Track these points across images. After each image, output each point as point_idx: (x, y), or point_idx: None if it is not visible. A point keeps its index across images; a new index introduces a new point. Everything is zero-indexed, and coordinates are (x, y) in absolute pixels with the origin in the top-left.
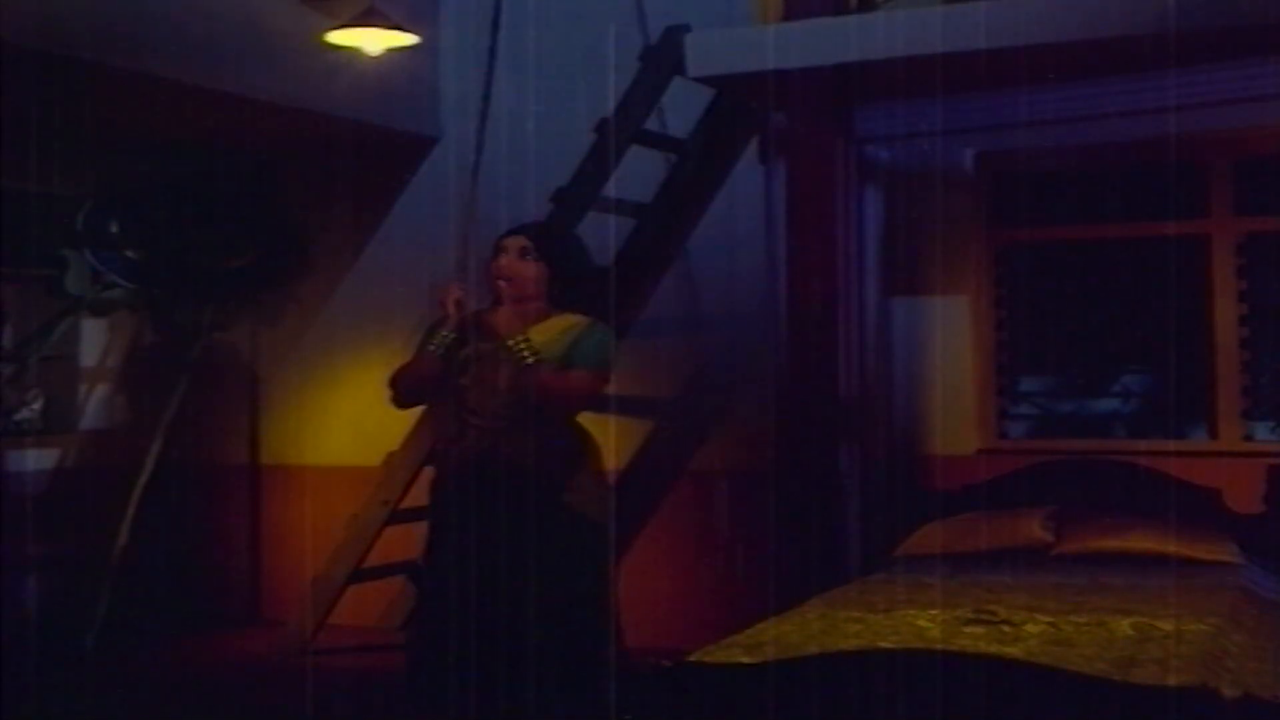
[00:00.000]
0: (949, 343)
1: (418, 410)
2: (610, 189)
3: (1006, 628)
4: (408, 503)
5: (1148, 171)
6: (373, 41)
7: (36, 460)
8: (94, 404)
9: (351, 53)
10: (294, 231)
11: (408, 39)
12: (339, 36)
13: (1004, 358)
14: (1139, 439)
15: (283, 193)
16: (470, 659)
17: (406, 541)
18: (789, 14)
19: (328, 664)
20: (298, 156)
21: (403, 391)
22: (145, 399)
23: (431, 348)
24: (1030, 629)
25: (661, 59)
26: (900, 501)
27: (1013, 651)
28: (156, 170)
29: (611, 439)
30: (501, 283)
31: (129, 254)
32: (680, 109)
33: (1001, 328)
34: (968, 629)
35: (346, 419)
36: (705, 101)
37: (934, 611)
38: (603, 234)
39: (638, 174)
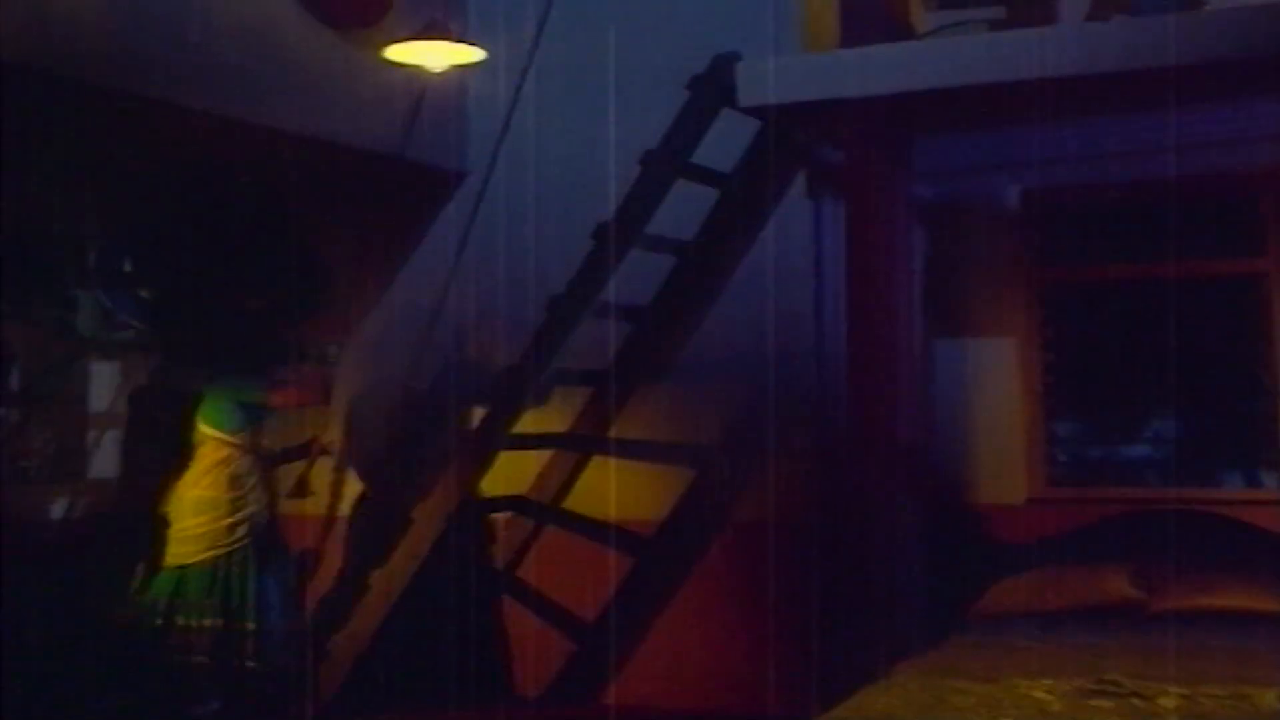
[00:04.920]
0: (995, 386)
1: None
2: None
3: (1138, 701)
4: None
5: (1202, 208)
6: (435, 57)
7: (43, 507)
8: (104, 450)
9: (414, 70)
10: (316, 270)
11: (473, 53)
12: (399, 52)
13: (1053, 402)
14: (1194, 487)
15: (304, 229)
16: None
17: None
18: (847, 41)
19: None
20: (321, 190)
21: None
22: (159, 445)
23: None
24: (1165, 702)
25: (710, 88)
26: (964, 555)
27: None
28: (173, 205)
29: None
30: None
31: (142, 293)
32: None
33: (1050, 371)
34: (1093, 702)
35: None
36: (736, 134)
37: (1048, 681)
38: (643, 272)
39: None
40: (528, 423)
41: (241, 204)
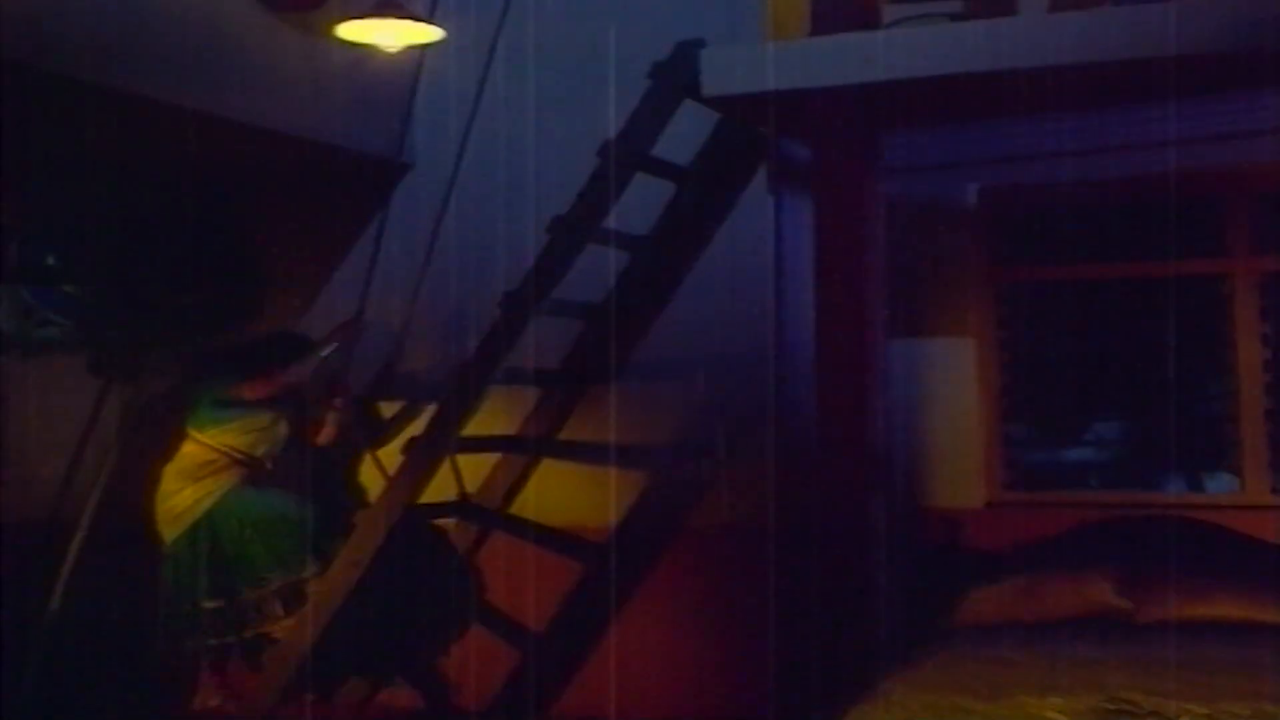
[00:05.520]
0: (951, 387)
1: None
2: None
3: None
4: None
5: (1163, 207)
6: (390, 36)
7: None
8: (24, 453)
9: (368, 49)
10: (253, 264)
11: (431, 32)
12: (351, 31)
13: (1010, 405)
14: (1154, 491)
15: (241, 221)
16: None
17: None
18: (818, 29)
19: None
20: (259, 181)
21: None
22: (83, 448)
23: None
24: None
25: (672, 77)
26: (935, 562)
27: None
28: (101, 195)
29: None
30: None
31: (68, 289)
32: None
33: (1007, 372)
34: None
35: None
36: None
37: (1057, 699)
38: (600, 267)
39: (631, 204)
40: (474, 424)
41: (172, 195)
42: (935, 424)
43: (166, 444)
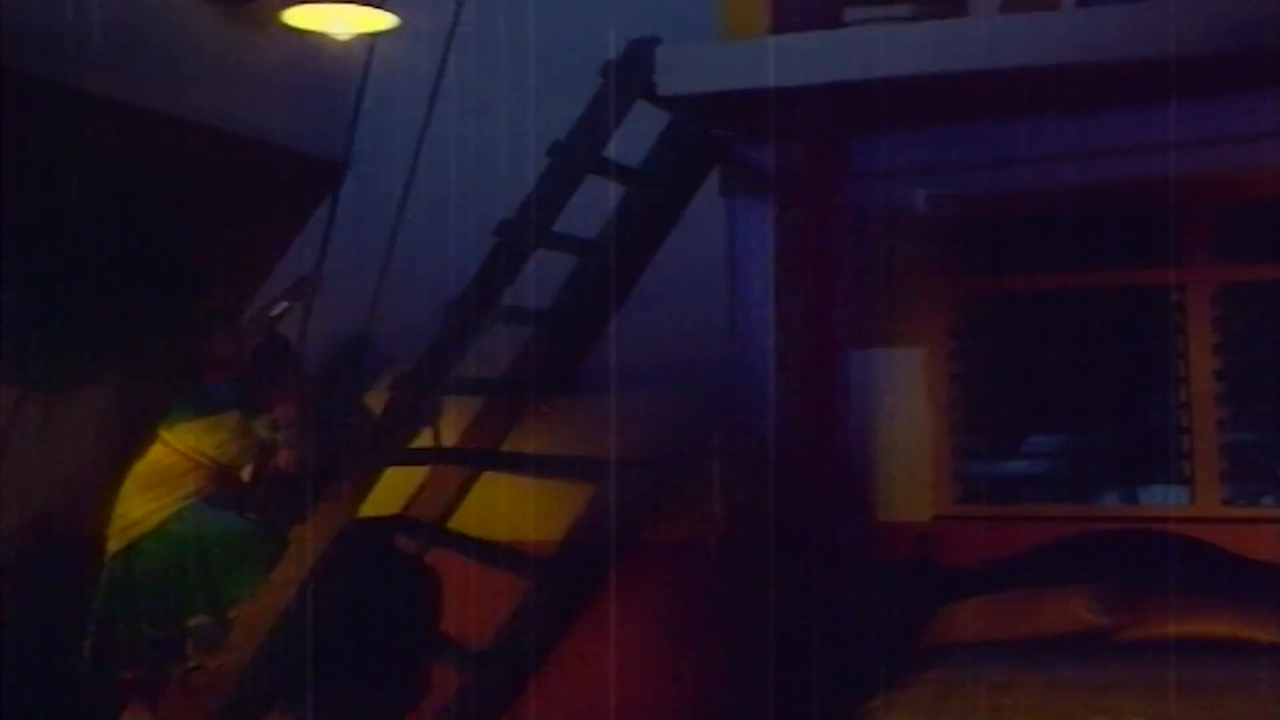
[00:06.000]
0: (902, 398)
1: None
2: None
3: None
4: None
5: (1118, 216)
6: (342, 23)
7: None
8: None
9: (320, 38)
10: (184, 266)
11: (385, 19)
12: (300, 17)
13: (960, 415)
14: (1104, 503)
15: (172, 221)
16: None
17: None
18: (780, 27)
19: None
20: (192, 180)
21: None
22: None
23: None
24: None
25: (626, 75)
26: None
27: None
28: (18, 191)
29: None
30: None
31: None
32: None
33: (958, 382)
34: None
35: None
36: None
37: None
38: (544, 272)
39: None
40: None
41: (98, 191)
42: (885, 435)
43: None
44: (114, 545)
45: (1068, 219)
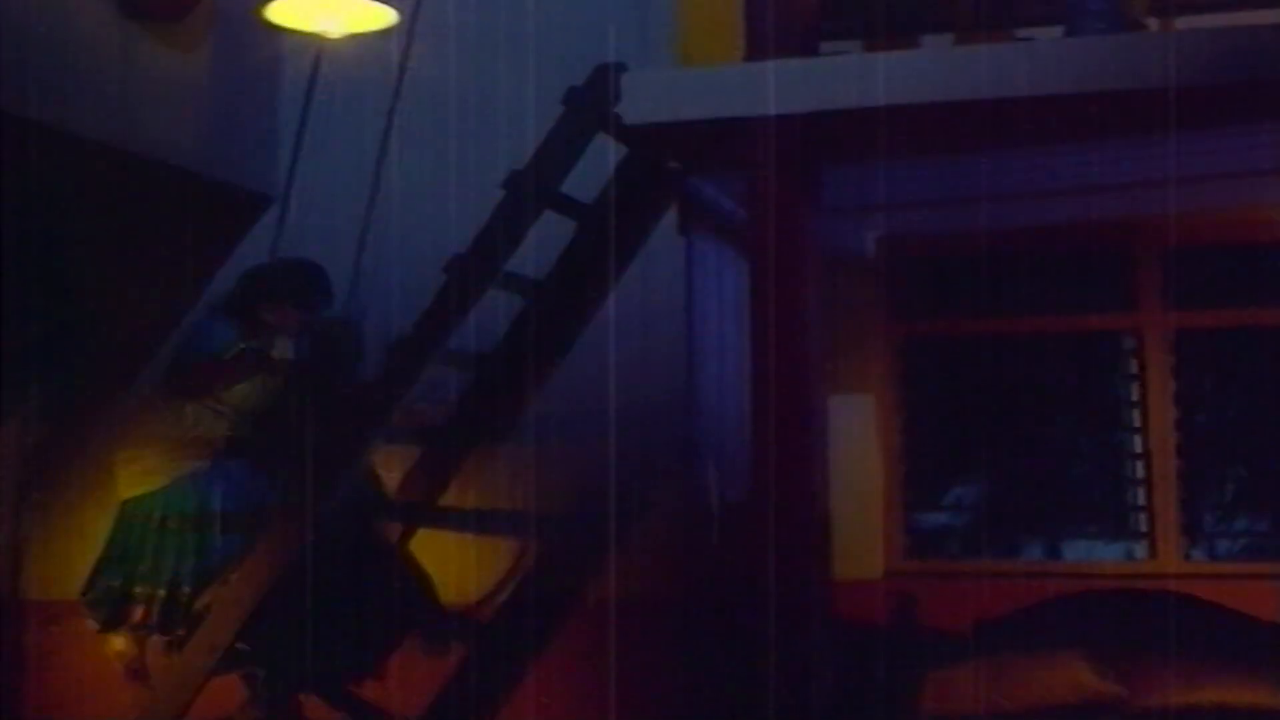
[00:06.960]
0: (848, 447)
1: None
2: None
3: None
4: None
5: (1070, 260)
6: (334, 20)
7: None
8: None
9: (311, 37)
10: (91, 301)
11: (386, 15)
12: (284, 14)
13: (910, 466)
14: (1063, 559)
15: (79, 252)
16: None
17: None
18: (752, 54)
19: None
20: (102, 208)
21: None
22: None
23: None
24: None
25: (588, 103)
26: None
27: None
28: None
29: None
30: None
31: None
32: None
33: (907, 430)
34: None
35: None
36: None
37: None
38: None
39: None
40: None
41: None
42: (834, 487)
43: None
44: (125, 491)
45: (1021, 261)
